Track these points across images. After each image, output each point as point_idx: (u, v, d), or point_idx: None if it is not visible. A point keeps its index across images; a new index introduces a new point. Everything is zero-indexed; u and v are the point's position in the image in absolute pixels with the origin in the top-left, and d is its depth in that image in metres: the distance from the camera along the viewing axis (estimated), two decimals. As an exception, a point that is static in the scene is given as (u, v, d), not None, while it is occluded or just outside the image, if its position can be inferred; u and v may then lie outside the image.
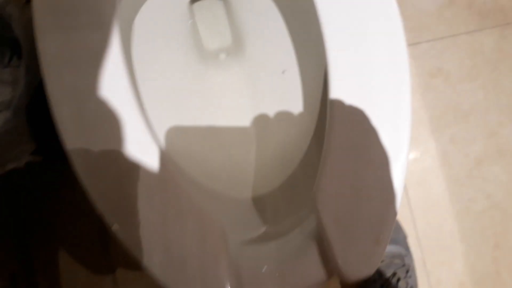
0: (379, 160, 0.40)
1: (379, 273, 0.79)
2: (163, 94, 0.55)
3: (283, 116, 0.55)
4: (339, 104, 0.41)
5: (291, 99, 0.55)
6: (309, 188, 0.44)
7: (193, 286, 0.36)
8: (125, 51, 0.42)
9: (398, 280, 0.78)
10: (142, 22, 0.56)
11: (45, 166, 0.75)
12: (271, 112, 0.55)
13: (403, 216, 0.87)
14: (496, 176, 0.89)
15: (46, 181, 0.83)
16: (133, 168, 0.37)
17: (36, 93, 0.52)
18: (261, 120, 0.55)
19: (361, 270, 0.37)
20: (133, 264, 0.81)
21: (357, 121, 0.41)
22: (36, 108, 0.53)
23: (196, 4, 0.61)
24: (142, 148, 0.38)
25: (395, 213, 0.39)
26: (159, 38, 0.57)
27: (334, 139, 0.40)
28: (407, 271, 0.79)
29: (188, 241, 0.36)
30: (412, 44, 0.93)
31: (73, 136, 0.38)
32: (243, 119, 0.56)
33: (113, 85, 0.39)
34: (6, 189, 0.81)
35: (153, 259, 0.36)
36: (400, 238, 0.83)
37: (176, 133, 0.52)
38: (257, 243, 0.42)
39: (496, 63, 0.92)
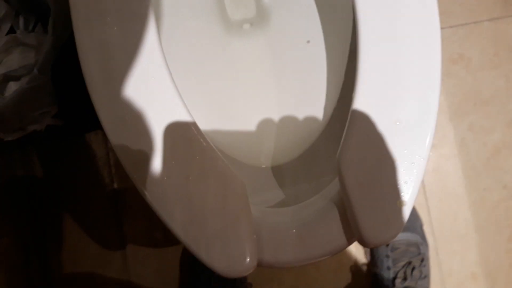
0: (405, 124, 0.39)
1: (394, 260, 0.78)
2: (186, 61, 0.54)
3: (306, 86, 0.54)
4: (366, 76, 0.40)
5: (315, 69, 0.53)
6: (330, 158, 0.43)
7: (213, 244, 0.35)
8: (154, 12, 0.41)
9: (413, 269, 0.77)
10: None
11: (65, 132, 0.75)
12: (294, 82, 0.54)
13: (417, 203, 0.86)
14: (513, 167, 0.88)
15: (64, 149, 0.83)
16: (159, 123, 0.36)
17: (61, 57, 0.51)
18: (283, 90, 0.54)
19: (384, 233, 0.36)
20: (144, 240, 0.81)
21: (383, 92, 0.40)
22: (60, 72, 0.52)
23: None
24: (168, 104, 0.37)
25: (420, 175, 0.38)
26: (184, 5, 0.56)
27: (359, 106, 0.39)
28: (422, 260, 0.78)
29: (210, 199, 0.35)
30: (433, 29, 0.91)
31: (100, 88, 0.37)
32: (266, 89, 0.55)
33: (142, 42, 0.38)
34: (23, 157, 0.81)
35: (174, 216, 0.36)
36: (417, 226, 0.81)
37: (197, 100, 0.51)
38: (277, 207, 0.41)
39: (519, 51, 0.90)
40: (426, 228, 0.85)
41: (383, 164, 0.38)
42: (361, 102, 0.40)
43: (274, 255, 0.37)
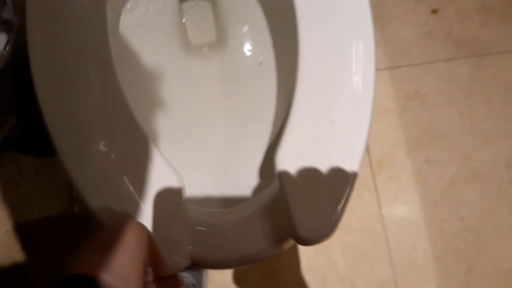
0: (341, 125, 0.42)
1: None
2: (146, 77, 0.57)
3: (258, 103, 0.57)
4: (303, 82, 0.43)
5: (266, 87, 0.57)
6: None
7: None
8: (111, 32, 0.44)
9: None
10: (130, 13, 0.59)
11: (26, 147, 0.76)
12: (247, 99, 0.58)
13: (376, 232, 0.87)
14: (469, 199, 0.90)
15: (25, 167, 0.84)
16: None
17: (22, 69, 0.53)
18: (237, 107, 0.57)
19: (319, 229, 0.37)
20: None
21: (319, 96, 0.43)
22: (20, 84, 0.54)
23: (185, 2, 0.65)
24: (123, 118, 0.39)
25: (355, 173, 0.40)
26: (146, 27, 0.60)
27: (298, 102, 0.42)
28: None
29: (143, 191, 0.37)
30: (392, 67, 0.96)
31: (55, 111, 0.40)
32: (220, 106, 0.58)
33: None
34: None
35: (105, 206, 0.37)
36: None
37: (156, 115, 0.54)
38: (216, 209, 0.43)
39: (471, 90, 0.96)
40: (384, 259, 0.86)
41: (319, 162, 0.40)
42: (298, 105, 0.42)
43: (207, 253, 0.38)
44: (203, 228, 0.38)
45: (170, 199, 0.37)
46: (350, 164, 0.40)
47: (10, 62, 0.50)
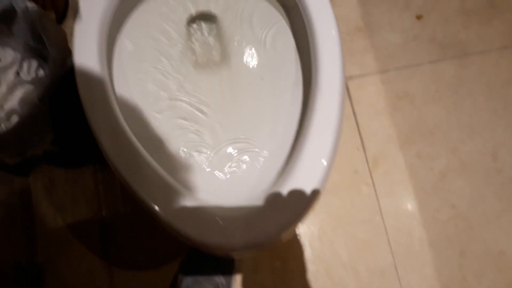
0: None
1: None
2: (159, 92, 0.66)
3: (260, 115, 0.66)
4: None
5: (268, 100, 0.66)
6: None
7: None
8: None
9: None
10: (140, 30, 0.69)
11: (61, 160, 0.85)
12: (250, 111, 0.66)
13: (375, 223, 0.95)
14: (459, 188, 0.98)
15: (58, 179, 0.93)
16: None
17: (58, 91, 0.62)
18: (241, 119, 0.66)
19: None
20: (130, 266, 0.88)
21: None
22: (57, 104, 0.62)
23: (193, 25, 0.74)
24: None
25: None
26: (155, 44, 0.69)
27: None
28: None
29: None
30: (382, 71, 1.05)
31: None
32: (225, 117, 0.66)
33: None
34: (21, 180, 0.90)
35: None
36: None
37: (165, 121, 0.63)
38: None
39: (457, 88, 1.04)
40: (384, 247, 0.94)
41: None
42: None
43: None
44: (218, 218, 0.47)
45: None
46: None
47: (49, 88, 0.59)
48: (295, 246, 0.93)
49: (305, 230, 0.94)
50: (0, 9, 0.66)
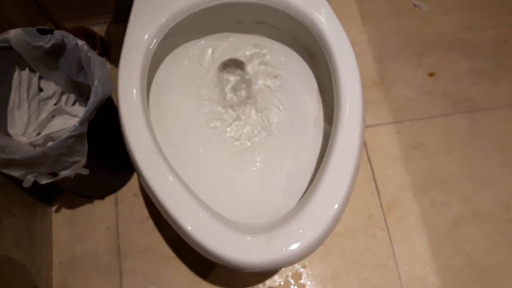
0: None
1: None
2: (188, 125, 0.73)
3: (289, 141, 0.72)
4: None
5: (288, 136, 0.73)
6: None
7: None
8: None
9: None
10: (176, 69, 0.77)
11: (86, 185, 0.91)
12: (279, 139, 0.73)
13: (388, 267, 0.96)
14: (472, 237, 1.00)
15: (80, 209, 0.99)
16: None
17: (96, 119, 0.70)
18: (270, 148, 0.73)
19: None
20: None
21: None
22: (93, 130, 0.70)
23: (224, 71, 0.82)
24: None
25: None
26: (189, 82, 0.78)
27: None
28: None
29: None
30: (396, 122, 1.11)
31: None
32: (254, 147, 0.73)
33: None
34: (44, 206, 0.96)
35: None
36: None
37: (196, 149, 0.70)
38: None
39: (468, 141, 1.09)
40: (398, 291, 0.94)
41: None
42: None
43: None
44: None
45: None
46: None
47: (88, 116, 0.66)
48: (309, 286, 0.94)
49: (318, 271, 0.96)
50: (51, 44, 0.75)
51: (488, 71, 1.17)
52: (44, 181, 0.71)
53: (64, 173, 0.71)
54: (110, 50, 1.17)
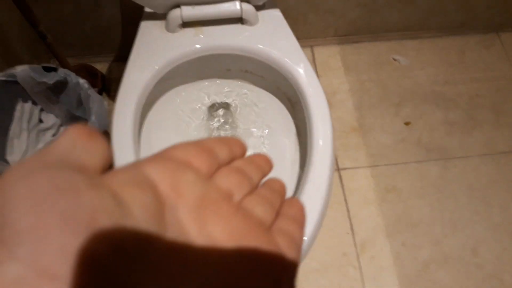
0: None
1: None
2: None
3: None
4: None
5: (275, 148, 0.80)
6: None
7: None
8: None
9: None
10: (168, 109, 0.84)
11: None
12: None
13: (360, 305, 1.01)
14: (441, 279, 1.05)
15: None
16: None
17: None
18: None
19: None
20: None
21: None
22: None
23: (212, 112, 0.90)
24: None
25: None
26: (178, 121, 0.85)
27: None
28: None
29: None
30: (372, 166, 1.18)
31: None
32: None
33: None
34: None
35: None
36: None
37: None
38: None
39: (440, 187, 1.16)
40: (369, 329, 0.98)
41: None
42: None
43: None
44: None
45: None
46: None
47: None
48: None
49: (294, 306, 1.00)
50: (55, 80, 0.83)
51: (460, 122, 1.25)
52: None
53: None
54: (110, 86, 1.25)
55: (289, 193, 0.78)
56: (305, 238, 0.61)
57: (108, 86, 1.25)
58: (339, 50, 1.33)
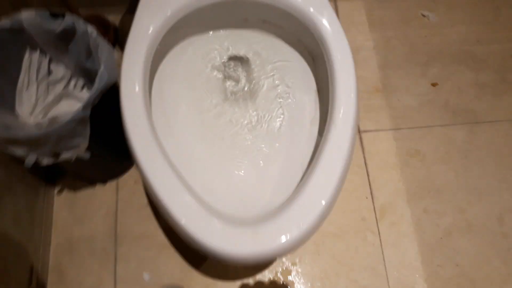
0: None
1: None
2: (189, 117, 0.75)
3: (281, 144, 0.74)
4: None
5: (286, 132, 0.75)
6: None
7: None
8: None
9: None
10: (181, 61, 0.79)
11: (87, 173, 0.94)
12: (269, 140, 0.75)
13: (377, 271, 0.98)
14: (464, 248, 1.00)
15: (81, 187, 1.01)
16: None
17: (100, 104, 0.72)
18: (261, 147, 0.75)
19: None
20: (133, 281, 0.92)
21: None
22: (97, 114, 0.72)
23: (228, 67, 0.84)
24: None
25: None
26: (196, 84, 0.80)
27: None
28: None
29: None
30: (395, 129, 1.12)
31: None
32: (248, 145, 0.75)
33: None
34: (47, 187, 0.98)
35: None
36: None
37: (193, 146, 0.72)
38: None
39: (466, 152, 1.10)
40: (385, 295, 0.95)
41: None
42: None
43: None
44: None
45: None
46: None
47: (93, 101, 0.69)
48: (297, 284, 0.96)
49: (308, 270, 0.97)
50: (62, 28, 0.78)
51: (491, 85, 1.17)
52: (45, 162, 0.73)
53: (65, 156, 0.74)
54: (124, 40, 1.19)
55: (307, 152, 0.73)
56: (323, 201, 0.57)
57: (122, 39, 1.19)
58: (364, 3, 1.25)
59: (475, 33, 1.23)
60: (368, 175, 1.06)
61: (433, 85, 1.17)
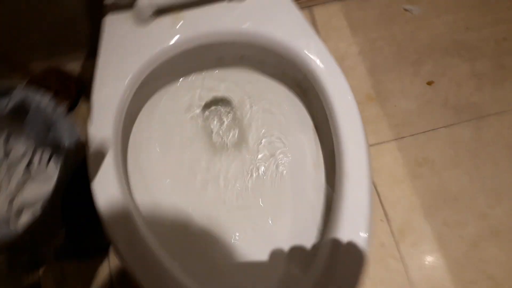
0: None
1: None
2: (176, 168, 0.66)
3: (278, 191, 0.64)
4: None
5: (282, 181, 0.65)
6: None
7: None
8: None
9: None
10: (155, 116, 0.69)
11: (73, 253, 0.83)
12: (265, 192, 0.65)
13: (407, 300, 0.89)
14: (494, 257, 0.92)
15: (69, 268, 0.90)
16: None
17: (69, 188, 0.62)
18: (256, 197, 0.65)
19: None
20: None
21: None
22: (67, 200, 0.62)
23: (209, 113, 0.75)
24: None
25: None
26: (175, 129, 0.70)
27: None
28: None
29: None
30: (397, 138, 1.03)
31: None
32: (239, 196, 0.65)
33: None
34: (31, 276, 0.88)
35: None
36: None
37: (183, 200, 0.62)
38: None
39: (476, 151, 1.02)
40: (420, 325, 0.87)
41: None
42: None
43: None
44: None
45: None
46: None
47: (61, 183, 0.58)
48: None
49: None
50: (12, 104, 0.67)
51: (489, 74, 1.10)
52: (21, 259, 0.64)
53: (42, 250, 0.64)
54: (89, 87, 1.08)
55: (317, 210, 0.64)
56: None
57: (87, 87, 1.08)
58: (341, 7, 1.16)
59: (463, 20, 1.15)
60: (378, 195, 0.98)
61: (429, 83, 1.09)
